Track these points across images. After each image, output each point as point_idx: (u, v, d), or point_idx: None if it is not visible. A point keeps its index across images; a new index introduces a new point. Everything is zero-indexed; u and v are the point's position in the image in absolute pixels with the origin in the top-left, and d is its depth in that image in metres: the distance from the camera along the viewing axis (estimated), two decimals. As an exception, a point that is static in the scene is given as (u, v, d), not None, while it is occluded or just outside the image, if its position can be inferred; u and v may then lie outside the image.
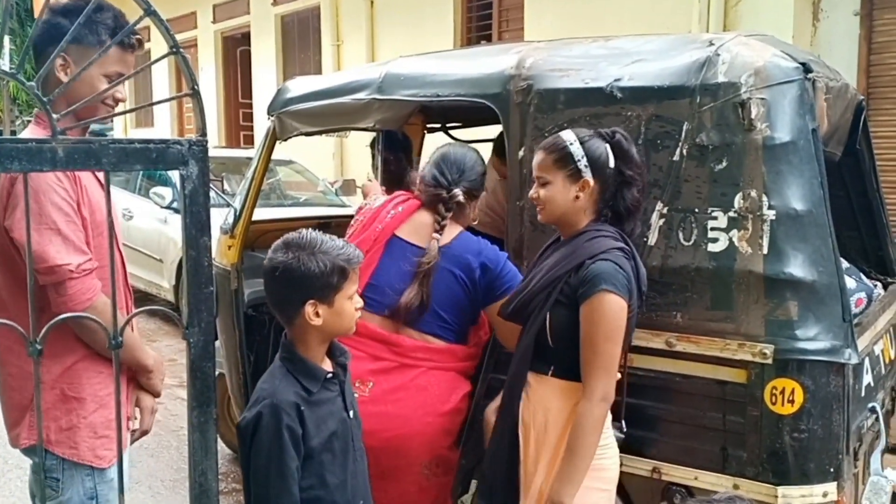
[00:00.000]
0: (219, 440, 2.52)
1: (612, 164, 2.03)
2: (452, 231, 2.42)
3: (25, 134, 1.92)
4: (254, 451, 1.72)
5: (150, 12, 1.00)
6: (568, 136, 2.05)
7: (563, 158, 2.02)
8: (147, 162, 1.01)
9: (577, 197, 2.03)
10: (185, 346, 1.07)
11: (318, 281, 1.75)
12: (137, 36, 1.90)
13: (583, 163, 2.01)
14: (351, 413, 1.88)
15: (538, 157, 2.07)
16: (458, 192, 2.39)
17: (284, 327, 1.84)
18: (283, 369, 1.80)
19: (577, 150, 2.01)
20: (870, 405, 2.15)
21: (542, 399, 2.04)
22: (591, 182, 2.02)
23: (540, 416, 2.04)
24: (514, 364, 2.12)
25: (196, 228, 1.00)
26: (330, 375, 1.83)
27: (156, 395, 2.06)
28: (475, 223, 2.55)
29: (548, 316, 1.99)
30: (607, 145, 2.04)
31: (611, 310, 1.89)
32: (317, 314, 1.76)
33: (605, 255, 1.94)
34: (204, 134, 1.01)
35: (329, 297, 1.77)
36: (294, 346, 1.81)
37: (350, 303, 1.81)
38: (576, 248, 1.99)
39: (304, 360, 1.80)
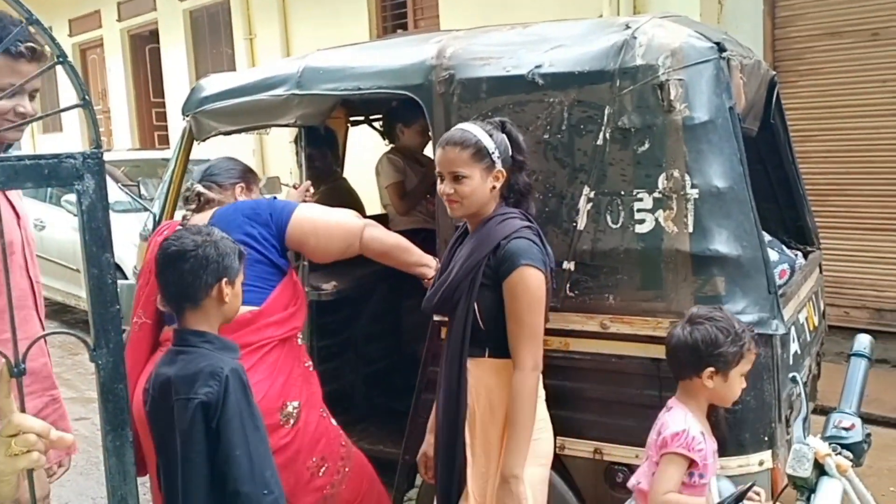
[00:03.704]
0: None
1: (510, 151, 2.10)
2: (206, 216, 2.46)
3: None
4: (225, 418, 1.76)
5: (31, 21, 0.92)
6: (475, 129, 2.09)
7: (479, 152, 2.06)
8: (39, 179, 0.93)
9: (493, 188, 2.09)
10: (95, 368, 1.00)
11: (229, 260, 1.92)
12: (29, 44, 1.76)
13: (496, 154, 2.07)
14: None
15: (449, 152, 2.07)
16: (196, 187, 2.59)
17: (179, 316, 1.93)
18: (202, 351, 1.85)
19: (489, 142, 2.07)
20: (790, 375, 2.22)
21: (482, 380, 2.08)
22: (503, 172, 2.08)
23: (483, 398, 2.08)
24: (449, 355, 2.13)
25: (97, 245, 0.93)
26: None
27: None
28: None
29: (475, 300, 2.05)
30: (504, 135, 2.11)
31: (532, 282, 1.99)
32: (226, 293, 1.91)
33: (517, 233, 2.03)
34: (99, 146, 0.94)
35: (234, 277, 1.94)
36: (198, 329, 1.90)
37: (240, 287, 1.99)
38: (489, 233, 2.07)
39: (220, 337, 1.91)
